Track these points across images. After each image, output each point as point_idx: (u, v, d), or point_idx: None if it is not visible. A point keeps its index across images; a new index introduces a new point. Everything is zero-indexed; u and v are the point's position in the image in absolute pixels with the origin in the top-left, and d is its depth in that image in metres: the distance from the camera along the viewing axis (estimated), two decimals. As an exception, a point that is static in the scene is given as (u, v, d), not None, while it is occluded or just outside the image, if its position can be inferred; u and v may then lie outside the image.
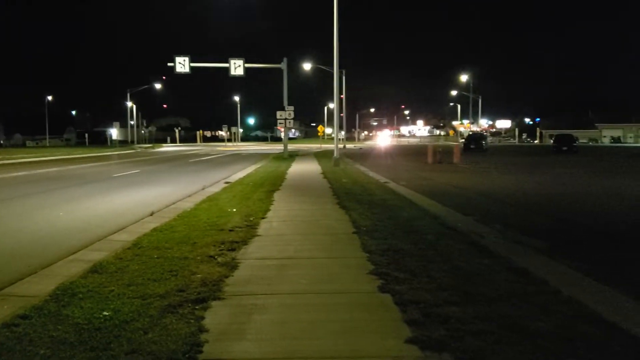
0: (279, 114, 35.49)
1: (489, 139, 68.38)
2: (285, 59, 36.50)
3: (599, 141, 77.05)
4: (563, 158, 36.28)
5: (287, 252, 7.07)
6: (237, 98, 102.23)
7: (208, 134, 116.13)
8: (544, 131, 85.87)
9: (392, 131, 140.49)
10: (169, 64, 35.29)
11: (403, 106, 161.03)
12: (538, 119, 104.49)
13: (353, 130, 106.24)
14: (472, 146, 46.11)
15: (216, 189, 15.32)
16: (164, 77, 73.11)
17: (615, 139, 77.69)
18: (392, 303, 4.81)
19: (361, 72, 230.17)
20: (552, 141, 49.20)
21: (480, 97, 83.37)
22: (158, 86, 74.74)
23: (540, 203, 13.63)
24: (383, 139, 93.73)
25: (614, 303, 4.95)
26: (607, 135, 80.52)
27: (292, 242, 7.73)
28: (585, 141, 68.30)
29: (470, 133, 61.82)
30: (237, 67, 35.22)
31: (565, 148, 42.49)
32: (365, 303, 4.88)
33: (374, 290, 5.22)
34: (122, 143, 76.78)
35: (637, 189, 17.28)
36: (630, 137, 77.14)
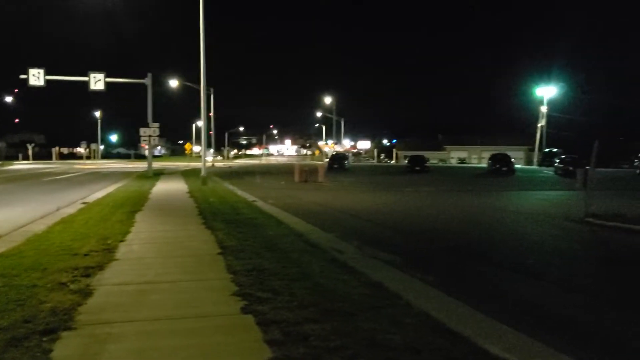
0: (142, 130, 34.09)
1: (351, 158, 71.47)
2: (149, 75, 35.30)
3: (448, 162, 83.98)
4: (416, 177, 39.01)
5: (147, 276, 6.83)
6: (97, 113, 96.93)
7: (65, 151, 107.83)
8: (399, 152, 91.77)
9: (261, 150, 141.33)
10: (22, 77, 32.40)
11: (272, 126, 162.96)
12: (394, 141, 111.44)
13: (222, 148, 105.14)
14: (335, 166, 47.85)
15: (72, 210, 14.31)
16: (15, 90, 66.76)
17: (462, 160, 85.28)
18: (254, 324, 4.85)
19: (232, 91, 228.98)
20: (406, 161, 52.69)
21: (343, 119, 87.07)
22: (9, 99, 68.03)
23: (394, 219, 14.56)
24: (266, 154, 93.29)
25: (457, 313, 5.42)
26: (454, 156, 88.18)
27: (153, 265, 7.47)
28: (435, 162, 73.97)
29: (334, 153, 64.14)
30: (97, 81, 33.27)
31: (417, 168, 45.71)
32: (227, 325, 4.88)
33: (237, 312, 5.23)
34: (-38, 160, 68.54)
35: (479, 206, 19.11)
36: (475, 158, 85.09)
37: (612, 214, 14.11)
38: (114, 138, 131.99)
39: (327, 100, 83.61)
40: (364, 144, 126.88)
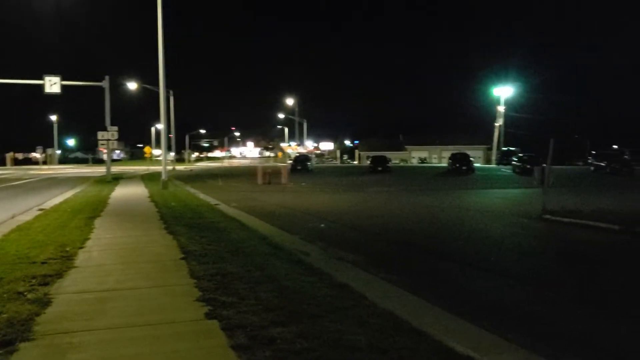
0: (100, 134, 33.32)
1: (314, 160, 71.58)
2: (107, 77, 34.59)
3: (409, 161, 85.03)
4: (378, 177, 39.35)
5: (108, 283, 6.67)
6: (54, 117, 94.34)
7: (20, 156, 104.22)
8: (361, 153, 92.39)
9: (224, 152, 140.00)
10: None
11: (233, 128, 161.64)
12: (357, 141, 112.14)
13: (183, 151, 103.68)
14: (299, 167, 47.86)
15: (28, 217, 13.85)
16: None
17: (423, 160, 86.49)
18: (219, 329, 4.79)
19: (193, 93, 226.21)
20: (369, 162, 53.12)
21: (305, 120, 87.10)
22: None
23: (358, 220, 14.65)
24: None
25: (422, 312, 5.49)
26: (415, 156, 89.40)
27: (113, 272, 7.30)
28: (397, 162, 74.83)
29: (297, 155, 64.10)
30: (52, 84, 32.36)
31: (380, 168, 46.16)
32: (191, 332, 4.80)
33: (201, 318, 5.16)
34: None
35: (441, 205, 19.40)
36: (435, 158, 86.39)
37: (569, 210, 14.54)
38: (71, 142, 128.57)
39: (290, 102, 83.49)
40: (327, 145, 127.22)
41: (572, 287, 7.51)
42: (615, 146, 61.24)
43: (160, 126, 29.07)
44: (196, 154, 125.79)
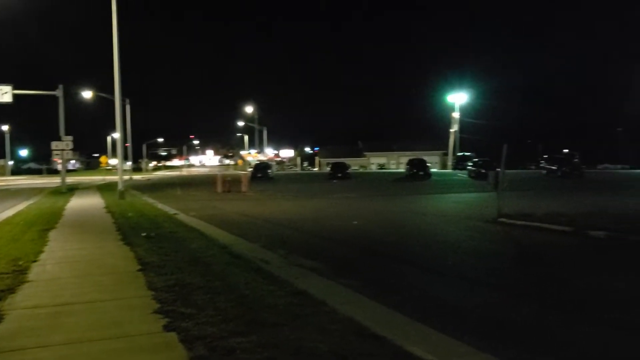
0: (54, 144, 32.37)
1: (275, 167, 71.43)
2: (61, 86, 33.66)
3: (368, 168, 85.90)
4: (338, 184, 39.60)
5: (63, 297, 6.49)
6: (5, 127, 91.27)
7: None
8: (321, 159, 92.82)
9: (182, 161, 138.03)
10: None
11: (192, 136, 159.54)
12: (317, 148, 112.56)
13: (140, 160, 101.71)
14: (259, 175, 47.65)
15: (-25, 231, 13.33)
16: None
17: (381, 166, 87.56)
18: (178, 341, 4.72)
19: (150, 101, 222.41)
20: (329, 169, 53.39)
21: (265, 128, 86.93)
22: None
23: (318, 226, 14.71)
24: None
25: (381, 317, 5.55)
26: (374, 162, 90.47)
27: (68, 286, 7.12)
28: (356, 168, 75.46)
29: (258, 162, 63.82)
30: (3, 93, 31.22)
31: (340, 175, 46.47)
32: (149, 345, 4.72)
33: (159, 330, 5.08)
34: None
35: (399, 210, 19.68)
36: (393, 164, 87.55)
37: (523, 213, 14.98)
38: (24, 153, 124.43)
39: (249, 109, 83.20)
40: (287, 153, 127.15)
41: (528, 289, 7.72)
42: (566, 150, 63.43)
43: (117, 135, 28.51)
44: (154, 163, 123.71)
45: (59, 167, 38.22)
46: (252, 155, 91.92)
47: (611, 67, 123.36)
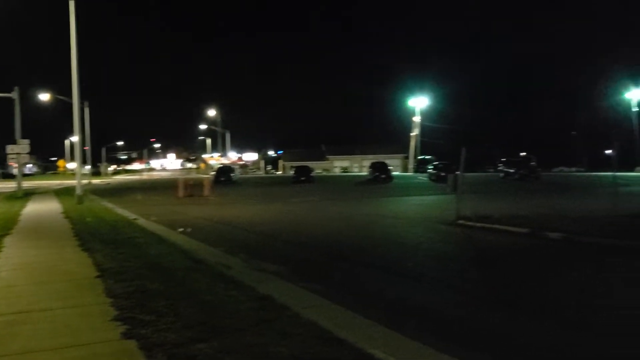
0: (9, 148, 31.44)
1: (238, 171, 70.96)
2: (16, 88, 32.70)
3: (332, 171, 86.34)
4: (302, 187, 39.64)
5: (19, 305, 6.30)
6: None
7: None
8: (285, 163, 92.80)
9: (143, 165, 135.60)
10: None
11: (153, 139, 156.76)
12: (280, 152, 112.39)
13: (100, 164, 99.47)
14: (222, 178, 47.28)
15: None
16: None
17: (345, 169, 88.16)
18: (137, 349, 4.65)
19: (110, 104, 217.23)
20: (292, 172, 53.45)
21: (228, 131, 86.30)
22: None
23: (281, 230, 14.71)
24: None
25: (344, 320, 5.59)
26: (337, 165, 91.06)
27: (24, 293, 6.92)
28: (320, 171, 75.69)
29: (220, 166, 63.30)
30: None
31: (303, 178, 46.56)
32: (107, 353, 4.63)
33: (118, 338, 4.99)
34: None
35: (361, 213, 19.85)
36: (356, 167, 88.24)
37: (481, 215, 15.30)
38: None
39: (212, 112, 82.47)
40: (251, 156, 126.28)
41: (487, 290, 7.91)
42: (523, 153, 65.17)
43: (75, 138, 27.84)
44: (114, 166, 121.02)
45: (15, 171, 37.14)
46: (214, 159, 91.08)
47: (563, 72, 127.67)
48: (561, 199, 24.34)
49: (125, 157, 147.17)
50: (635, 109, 62.81)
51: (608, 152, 62.10)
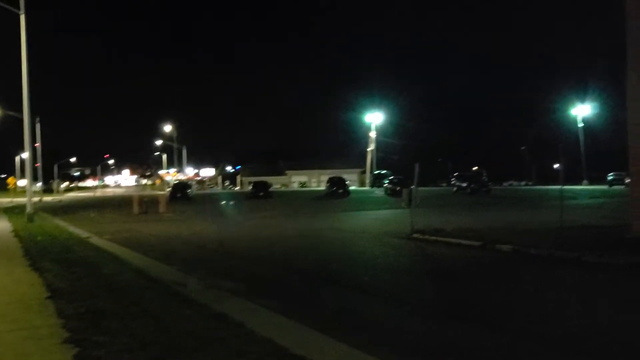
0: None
1: (195, 187, 70.07)
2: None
3: (290, 186, 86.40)
4: (260, 203, 39.53)
5: (-37, 330, 6.12)
6: None
7: None
8: (243, 178, 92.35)
9: (96, 181, 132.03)
10: None
11: (107, 155, 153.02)
12: (238, 167, 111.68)
13: (51, 181, 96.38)
14: (178, 195, 46.58)
15: None
16: None
17: (303, 184, 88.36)
18: (90, 371, 4.63)
19: (63, 120, 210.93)
20: (250, 187, 53.24)
21: (184, 146, 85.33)
22: None
23: (238, 247, 14.68)
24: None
25: (300, 337, 5.67)
26: (295, 180, 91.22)
27: (-31, 317, 6.71)
28: (278, 186, 75.64)
29: (177, 182, 62.39)
30: None
31: (261, 193, 46.45)
32: (59, 376, 4.59)
33: (69, 361, 4.94)
34: None
35: (318, 228, 19.97)
36: (314, 182, 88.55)
37: (434, 229, 15.68)
38: None
39: (168, 128, 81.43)
40: (208, 172, 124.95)
41: (436, 302, 8.12)
42: (475, 168, 66.93)
43: (26, 155, 27.05)
44: (66, 183, 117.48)
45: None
46: (171, 175, 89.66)
47: (513, 89, 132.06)
48: (511, 211, 25.13)
49: (78, 173, 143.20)
50: (580, 125, 65.63)
51: (556, 166, 64.62)
